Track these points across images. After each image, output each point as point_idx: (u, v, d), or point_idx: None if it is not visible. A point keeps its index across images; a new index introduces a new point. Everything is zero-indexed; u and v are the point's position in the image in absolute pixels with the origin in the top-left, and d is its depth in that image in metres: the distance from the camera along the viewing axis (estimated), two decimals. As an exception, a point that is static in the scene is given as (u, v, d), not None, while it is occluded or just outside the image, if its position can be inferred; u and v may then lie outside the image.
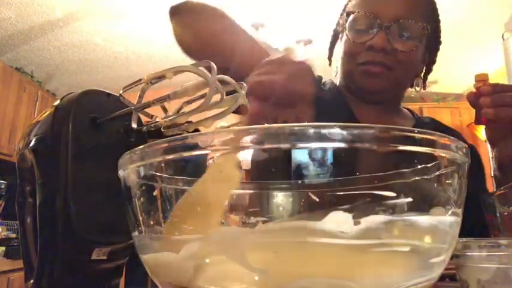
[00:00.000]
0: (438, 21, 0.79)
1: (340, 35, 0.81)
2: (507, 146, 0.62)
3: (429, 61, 0.83)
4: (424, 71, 0.84)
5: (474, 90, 0.61)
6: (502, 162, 0.63)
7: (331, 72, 0.87)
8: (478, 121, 0.58)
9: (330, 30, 0.89)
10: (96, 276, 0.46)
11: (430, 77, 0.89)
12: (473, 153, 0.81)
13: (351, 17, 0.74)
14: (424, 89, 0.86)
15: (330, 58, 0.90)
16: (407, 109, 0.90)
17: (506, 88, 0.56)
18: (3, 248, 2.71)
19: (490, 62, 3.62)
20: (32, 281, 0.45)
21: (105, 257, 0.45)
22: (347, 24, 0.75)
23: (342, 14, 0.82)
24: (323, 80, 0.88)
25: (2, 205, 3.01)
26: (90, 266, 0.45)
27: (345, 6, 0.81)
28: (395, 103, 0.84)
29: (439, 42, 0.82)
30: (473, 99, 0.59)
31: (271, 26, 2.99)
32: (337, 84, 0.86)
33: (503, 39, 2.47)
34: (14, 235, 2.96)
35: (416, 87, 0.82)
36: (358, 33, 0.73)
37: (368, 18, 0.71)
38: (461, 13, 2.96)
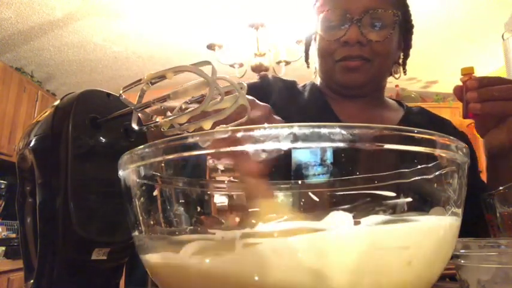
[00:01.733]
0: (407, 6, 0.79)
1: (314, 36, 0.82)
2: (494, 136, 0.63)
3: (405, 46, 0.83)
4: (402, 57, 0.84)
5: (461, 83, 0.61)
6: (491, 152, 0.63)
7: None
8: (465, 115, 0.59)
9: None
10: (96, 276, 0.46)
11: (430, 77, 0.90)
12: (465, 141, 0.81)
13: (321, 16, 0.74)
14: (405, 74, 0.85)
15: (306, 61, 0.91)
16: (397, 101, 0.89)
17: (492, 81, 0.56)
18: (3, 248, 2.71)
19: (490, 62, 3.62)
20: (32, 281, 0.45)
21: (105, 257, 0.45)
22: (319, 24, 0.75)
23: (312, 19, 0.82)
24: (304, 83, 0.88)
25: (2, 205, 3.01)
26: (90, 266, 0.44)
27: (314, 7, 0.81)
28: (378, 95, 0.83)
29: (412, 26, 0.82)
30: (460, 93, 0.59)
31: (271, 26, 2.99)
32: (318, 85, 0.86)
33: (503, 39, 2.47)
34: (14, 235, 2.96)
35: (396, 75, 0.82)
36: (331, 30, 0.73)
37: (338, 15, 0.72)
38: (461, 13, 2.96)
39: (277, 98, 0.78)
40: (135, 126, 0.39)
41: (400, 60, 0.83)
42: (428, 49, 3.46)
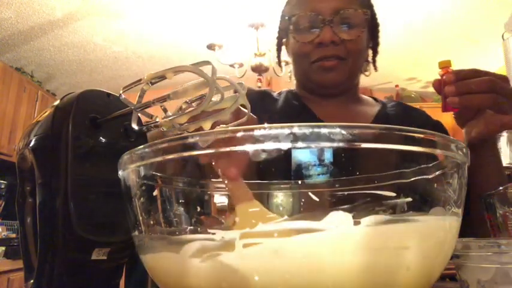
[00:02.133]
0: (372, 6, 0.83)
1: (285, 40, 0.84)
2: (473, 127, 0.63)
3: (374, 44, 0.86)
4: (371, 54, 0.87)
5: (439, 77, 0.61)
6: (471, 142, 0.64)
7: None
8: (444, 109, 0.59)
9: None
10: (96, 276, 0.46)
11: (430, 77, 0.91)
12: (441, 130, 0.84)
13: (294, 19, 0.76)
14: (376, 71, 0.88)
15: (279, 64, 0.94)
16: (372, 97, 0.91)
17: (469, 74, 0.57)
18: (3, 248, 2.70)
19: (490, 62, 3.61)
20: (32, 281, 0.45)
21: (105, 257, 0.45)
22: (291, 27, 0.77)
23: (281, 20, 0.85)
24: (280, 90, 0.90)
25: (2, 205, 3.00)
26: (90, 266, 0.44)
27: (283, 13, 0.84)
28: (354, 92, 0.86)
29: (378, 24, 0.85)
30: (438, 87, 0.59)
31: (271, 26, 2.99)
32: (294, 88, 0.88)
33: (503, 39, 2.47)
34: (14, 235, 2.96)
35: (366, 73, 0.85)
36: (304, 33, 0.75)
37: (310, 17, 0.74)
38: (461, 13, 2.96)
39: (252, 108, 0.79)
40: (135, 126, 0.39)
41: (370, 58, 0.86)
42: (428, 49, 3.46)
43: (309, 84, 0.81)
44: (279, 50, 0.90)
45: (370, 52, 0.87)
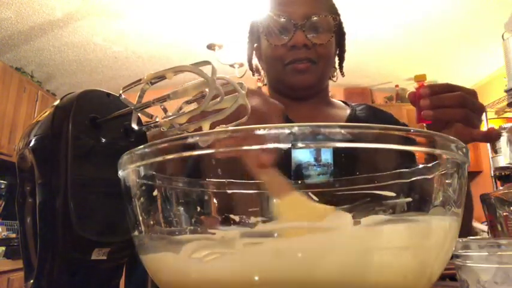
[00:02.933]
0: (339, 14, 0.86)
1: (256, 44, 0.88)
2: None
3: (340, 51, 0.89)
4: (338, 60, 0.91)
5: (415, 90, 0.65)
6: None
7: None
8: (418, 120, 0.62)
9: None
10: (96, 276, 0.46)
11: (430, 77, 0.92)
12: (400, 124, 0.88)
13: (265, 23, 0.80)
14: (343, 76, 0.91)
15: (251, 69, 0.96)
16: (342, 101, 0.95)
17: (442, 89, 0.60)
18: (3, 248, 2.70)
19: (490, 62, 3.62)
20: (32, 281, 0.45)
21: (105, 257, 0.45)
22: (264, 31, 0.80)
23: (251, 25, 0.88)
24: None
25: (2, 205, 3.00)
26: (90, 266, 0.44)
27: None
28: (324, 96, 0.89)
29: (344, 33, 0.89)
30: (413, 99, 0.63)
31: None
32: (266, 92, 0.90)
33: (503, 39, 2.47)
34: (14, 235, 2.96)
35: (333, 78, 0.89)
36: (277, 36, 0.78)
37: (283, 21, 0.77)
38: (461, 13, 2.96)
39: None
40: (135, 126, 0.39)
41: (337, 64, 0.90)
42: (428, 49, 3.46)
43: (281, 87, 0.84)
44: (249, 55, 0.93)
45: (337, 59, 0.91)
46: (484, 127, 3.21)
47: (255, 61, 0.92)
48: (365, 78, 4.12)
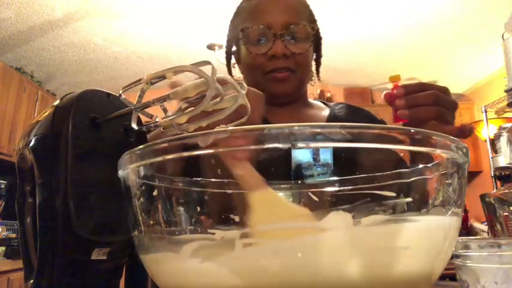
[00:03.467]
0: (315, 21, 0.88)
1: (234, 52, 0.89)
2: None
3: (317, 57, 0.92)
4: (315, 65, 0.93)
5: (390, 90, 0.66)
6: None
7: (332, 73, 0.90)
8: (395, 120, 0.64)
9: (330, 31, 0.92)
10: (96, 276, 0.46)
11: (430, 77, 0.92)
12: (378, 121, 0.90)
13: (246, 31, 0.80)
14: (320, 81, 0.94)
15: (230, 73, 0.97)
16: (321, 101, 0.97)
17: (416, 88, 0.62)
18: (3, 248, 2.70)
19: (490, 62, 3.62)
20: (32, 281, 0.45)
21: (105, 257, 0.45)
22: (244, 39, 0.81)
23: (231, 31, 0.89)
24: None
25: (2, 205, 3.00)
26: (90, 266, 0.44)
27: (232, 23, 0.89)
28: (303, 99, 0.91)
29: (320, 38, 0.91)
30: (389, 100, 0.64)
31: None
32: None
33: (503, 39, 2.47)
34: (14, 235, 2.96)
35: (311, 82, 0.91)
36: (257, 45, 0.80)
37: (262, 30, 0.78)
38: (461, 13, 2.96)
39: None
40: (134, 126, 0.39)
41: (314, 69, 0.92)
42: (428, 49, 3.46)
43: None
44: (228, 61, 0.95)
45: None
46: (484, 127, 3.21)
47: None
48: (365, 78, 4.12)
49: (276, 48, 0.77)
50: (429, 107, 0.60)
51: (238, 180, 0.31)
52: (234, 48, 0.89)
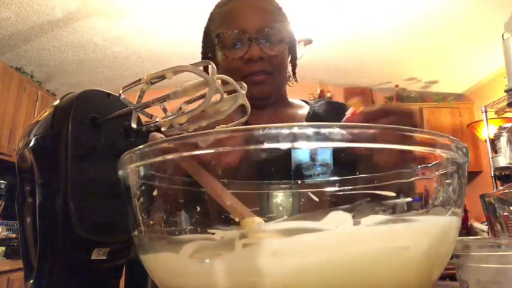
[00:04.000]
0: (289, 23, 0.88)
1: (211, 58, 0.89)
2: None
3: (292, 58, 0.92)
4: (291, 67, 0.93)
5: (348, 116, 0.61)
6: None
7: (331, 73, 0.90)
8: None
9: (330, 31, 0.92)
10: (96, 276, 0.46)
11: (430, 77, 0.92)
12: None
13: (221, 36, 0.82)
14: (297, 82, 0.94)
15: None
16: (302, 100, 0.97)
17: (376, 115, 0.56)
18: (3, 248, 2.70)
19: (490, 62, 3.61)
20: (32, 281, 0.45)
21: (105, 257, 0.45)
22: (219, 44, 0.82)
23: (206, 36, 0.90)
24: None
25: (2, 205, 3.00)
26: (90, 266, 0.44)
27: (207, 29, 0.90)
28: (283, 100, 0.91)
29: (294, 40, 0.91)
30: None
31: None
32: None
33: (503, 39, 2.47)
34: (14, 235, 2.96)
35: (289, 83, 0.92)
36: (232, 49, 0.81)
37: (237, 35, 0.80)
38: (461, 13, 2.96)
39: None
40: (134, 126, 0.39)
41: (290, 70, 0.93)
42: (428, 49, 3.46)
43: None
44: (205, 66, 0.94)
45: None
46: (484, 127, 3.21)
47: None
48: (365, 78, 4.12)
49: (252, 52, 0.78)
50: None
51: (228, 209, 0.31)
52: (209, 55, 0.91)
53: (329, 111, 0.90)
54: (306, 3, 2.66)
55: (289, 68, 0.92)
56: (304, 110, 0.91)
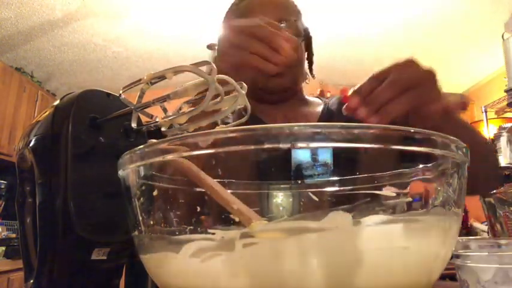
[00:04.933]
0: (302, 20, 0.88)
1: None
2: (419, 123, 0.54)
3: (309, 55, 0.92)
4: (308, 64, 0.93)
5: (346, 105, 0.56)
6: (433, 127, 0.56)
7: (331, 73, 0.90)
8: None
9: (331, 30, 0.92)
10: (96, 276, 0.46)
11: None
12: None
13: None
14: (314, 78, 0.94)
15: None
16: (318, 97, 0.97)
17: (372, 84, 0.49)
18: (3, 248, 2.70)
19: (490, 62, 3.61)
20: (32, 281, 0.45)
21: (105, 257, 0.45)
22: None
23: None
24: None
25: (2, 205, 3.00)
26: (90, 266, 0.44)
27: (222, 23, 0.89)
28: (299, 97, 0.91)
29: (310, 37, 0.91)
30: (351, 113, 0.53)
31: (271, 26, 2.98)
32: None
33: (503, 39, 2.47)
34: (14, 235, 2.96)
35: (306, 81, 0.92)
36: None
37: None
38: (461, 13, 2.96)
39: None
40: (135, 126, 0.39)
41: (307, 67, 0.93)
42: (428, 49, 3.46)
43: (258, 93, 0.85)
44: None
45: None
46: (484, 127, 3.21)
47: None
48: (365, 78, 4.12)
49: None
50: (397, 98, 0.47)
51: (235, 214, 0.31)
52: None
53: (341, 108, 0.90)
54: (306, 3, 2.66)
55: (306, 65, 0.92)
56: (319, 108, 0.91)
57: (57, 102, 0.47)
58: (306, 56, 0.90)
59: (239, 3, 0.88)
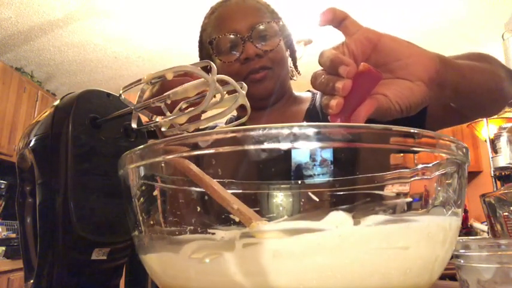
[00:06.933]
0: (280, 18, 0.88)
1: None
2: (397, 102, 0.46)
3: (291, 52, 0.91)
4: (291, 61, 0.92)
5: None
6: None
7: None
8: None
9: (330, 31, 0.92)
10: (96, 276, 0.46)
11: None
12: None
13: (215, 43, 0.81)
14: (300, 74, 0.93)
15: None
16: (310, 91, 0.94)
17: (325, 66, 0.42)
18: (3, 248, 2.70)
19: (490, 62, 3.61)
20: (32, 281, 0.45)
21: (105, 257, 0.45)
22: (215, 51, 0.82)
23: (201, 47, 0.90)
24: None
25: (2, 205, 3.00)
26: (90, 266, 0.44)
27: (200, 41, 0.90)
28: (289, 96, 0.89)
29: (289, 34, 0.90)
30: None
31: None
32: None
33: (503, 39, 2.47)
34: (14, 235, 2.96)
35: (294, 78, 0.91)
36: (228, 54, 0.80)
37: (230, 38, 0.80)
38: (461, 13, 2.96)
39: None
40: (134, 126, 0.39)
41: (291, 64, 0.92)
42: (428, 49, 3.46)
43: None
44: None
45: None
46: (484, 127, 3.21)
47: None
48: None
49: (248, 51, 0.77)
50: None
51: (235, 214, 0.31)
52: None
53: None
54: (306, 3, 2.66)
55: (290, 63, 0.91)
56: (306, 104, 0.89)
57: (57, 102, 0.47)
58: (288, 53, 0.89)
59: (210, 15, 0.89)
